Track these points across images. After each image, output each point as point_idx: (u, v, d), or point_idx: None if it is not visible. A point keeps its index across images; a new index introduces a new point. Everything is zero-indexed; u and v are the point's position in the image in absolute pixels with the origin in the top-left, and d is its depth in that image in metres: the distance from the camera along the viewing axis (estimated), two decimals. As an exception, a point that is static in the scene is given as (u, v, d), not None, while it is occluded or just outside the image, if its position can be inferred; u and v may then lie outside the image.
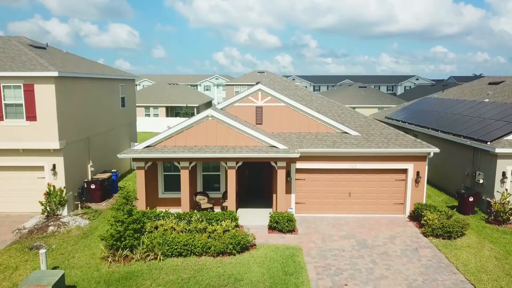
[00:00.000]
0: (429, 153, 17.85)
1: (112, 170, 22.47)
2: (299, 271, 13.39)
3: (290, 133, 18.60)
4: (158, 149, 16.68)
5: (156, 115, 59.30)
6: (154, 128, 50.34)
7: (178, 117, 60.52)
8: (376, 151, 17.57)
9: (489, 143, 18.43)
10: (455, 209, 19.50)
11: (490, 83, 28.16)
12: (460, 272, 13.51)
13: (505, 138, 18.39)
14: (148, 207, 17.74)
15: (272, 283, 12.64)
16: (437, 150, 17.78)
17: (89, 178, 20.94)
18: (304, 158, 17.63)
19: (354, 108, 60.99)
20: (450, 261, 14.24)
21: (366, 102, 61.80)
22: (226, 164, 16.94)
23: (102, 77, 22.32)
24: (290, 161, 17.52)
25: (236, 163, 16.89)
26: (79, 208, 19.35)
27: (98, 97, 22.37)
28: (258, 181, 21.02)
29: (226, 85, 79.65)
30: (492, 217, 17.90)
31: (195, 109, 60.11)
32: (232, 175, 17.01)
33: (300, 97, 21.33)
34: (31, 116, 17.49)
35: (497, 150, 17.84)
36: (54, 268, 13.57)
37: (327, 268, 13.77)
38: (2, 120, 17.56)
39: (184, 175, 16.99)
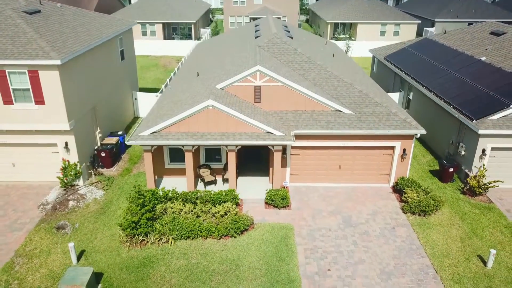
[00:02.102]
0: (416, 134, 19.07)
1: (119, 133, 23.81)
2: (290, 256, 15.74)
3: (287, 112, 19.55)
4: (163, 135, 17.87)
5: (153, 32, 57.86)
6: (152, 51, 49.74)
7: (174, 37, 59.35)
8: (367, 133, 18.77)
9: (474, 121, 19.53)
10: (437, 176, 21.39)
11: (491, 33, 27.80)
12: (427, 256, 15.88)
13: (490, 117, 19.41)
14: (156, 176, 19.64)
15: (267, 270, 15.06)
16: (423, 131, 18.97)
17: (99, 144, 22.41)
18: (299, 137, 18.93)
19: (356, 24, 59.41)
20: (421, 243, 16.54)
21: (370, 18, 59.78)
22: (226, 147, 18.31)
23: (102, 42, 22.31)
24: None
25: (236, 147, 18.26)
26: (93, 175, 21.22)
27: (99, 63, 22.70)
28: (256, 151, 22.44)
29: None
30: (467, 189, 19.85)
31: (192, 26, 58.41)
32: (232, 156, 18.50)
33: (299, 65, 21.68)
34: (39, 100, 18.32)
35: (480, 132, 19.05)
36: (81, 252, 15.90)
37: (315, 251, 16.10)
38: (12, 104, 18.41)
39: (188, 157, 18.49)
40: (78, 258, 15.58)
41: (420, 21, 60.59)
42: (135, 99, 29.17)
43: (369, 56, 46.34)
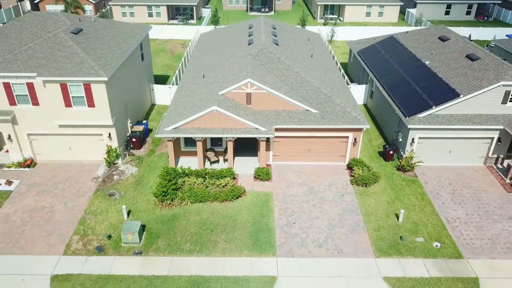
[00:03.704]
0: (362, 128, 26.37)
1: (143, 122, 31.10)
2: (269, 214, 23.51)
3: (270, 111, 26.69)
4: (181, 130, 25.14)
5: (158, 13, 63.44)
6: (158, 35, 55.39)
7: (178, 17, 64.79)
8: (328, 127, 26.04)
9: (407, 118, 26.77)
10: (382, 156, 28.91)
11: (439, 38, 34.33)
12: (361, 214, 23.67)
13: (418, 115, 26.61)
14: (175, 160, 27.12)
15: (253, 222, 22.86)
16: (368, 126, 26.23)
17: (129, 132, 29.74)
18: (279, 129, 26.24)
19: (344, 6, 64.82)
20: (359, 205, 24.29)
21: (355, 0, 65.00)
22: (226, 138, 25.67)
23: (130, 52, 29.07)
24: (269, 133, 26.17)
25: (233, 138, 25.62)
26: (127, 155, 28.70)
27: (128, 69, 29.55)
28: (248, 139, 29.65)
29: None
30: (400, 166, 27.40)
31: (194, 8, 63.83)
32: (230, 144, 25.92)
33: (280, 72, 28.54)
34: (91, 104, 25.44)
35: (410, 126, 26.33)
36: (129, 211, 23.63)
37: (286, 210, 23.87)
38: (71, 107, 25.56)
39: (199, 145, 25.89)
40: (128, 215, 23.35)
41: (402, 3, 65.97)
42: (152, 90, 36.14)
43: (353, 39, 52.50)
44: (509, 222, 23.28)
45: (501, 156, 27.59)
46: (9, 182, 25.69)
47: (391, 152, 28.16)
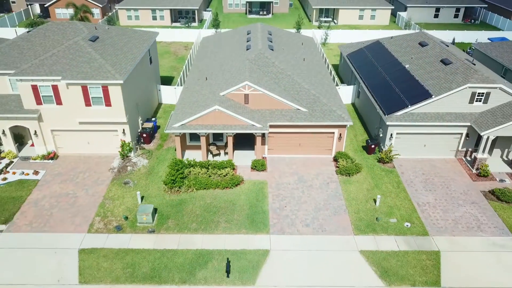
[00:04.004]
0: (346, 125, 29.95)
1: (152, 119, 34.70)
2: (264, 199, 27.13)
3: (265, 110, 30.25)
4: (187, 126, 28.71)
5: (161, 17, 66.92)
6: (162, 38, 58.81)
7: (180, 21, 68.22)
8: (316, 124, 29.62)
9: (386, 116, 30.36)
10: (365, 150, 32.51)
11: (419, 43, 37.87)
12: (344, 199, 27.28)
13: (396, 114, 30.19)
14: (182, 153, 30.69)
15: (250, 206, 26.46)
16: (351, 123, 29.80)
17: (140, 128, 33.33)
18: (273, 126, 29.81)
19: (336, 10, 68.35)
20: (342, 192, 27.90)
21: (350, 4, 68.63)
22: (226, 134, 29.27)
23: (141, 57, 32.60)
24: (264, 129, 29.74)
25: (232, 133, 29.21)
26: (138, 149, 32.29)
27: (139, 72, 33.10)
28: (246, 135, 33.24)
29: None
30: (380, 159, 30.99)
31: (195, 12, 67.29)
32: (230, 139, 29.53)
33: (275, 75, 32.07)
34: (108, 104, 29.02)
35: (388, 123, 29.93)
36: (142, 197, 27.23)
37: (278, 196, 27.48)
38: (91, 106, 29.14)
39: (202, 139, 29.47)
40: (141, 200, 26.96)
41: (393, 7, 69.50)
42: (159, 90, 39.71)
43: (346, 42, 56.12)
44: (472, 206, 26.91)
45: (470, 149, 31.19)
46: (36, 172, 29.30)
47: (372, 146, 31.76)
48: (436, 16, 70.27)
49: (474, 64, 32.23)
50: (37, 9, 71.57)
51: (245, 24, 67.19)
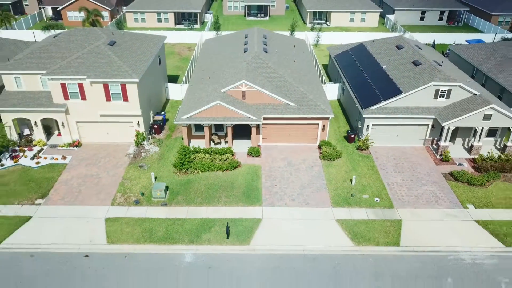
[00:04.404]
0: (329, 117, 35.03)
1: (162, 112, 39.79)
2: (258, 179, 32.24)
3: (260, 104, 35.30)
4: (193, 118, 33.77)
5: (166, 19, 71.87)
6: (167, 39, 63.75)
7: (183, 23, 73.09)
8: (303, 116, 34.68)
9: (363, 109, 35.43)
10: (346, 139, 37.60)
11: (396, 46, 42.90)
12: (325, 180, 32.39)
13: (371, 108, 35.25)
14: (189, 141, 35.76)
15: (246, 185, 31.58)
16: (332, 116, 34.88)
17: (152, 120, 38.41)
18: (266, 118, 34.87)
19: (329, 13, 73.31)
20: (324, 174, 33.01)
21: (341, 7, 73.54)
22: (226, 125, 34.36)
23: (153, 58, 37.65)
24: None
25: (232, 125, 34.29)
26: (150, 138, 37.38)
27: (150, 71, 38.14)
28: (244, 126, 38.29)
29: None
30: (359, 146, 36.08)
31: (197, 15, 72.27)
32: (229, 129, 34.62)
33: (268, 75, 37.10)
34: (125, 99, 34.10)
35: (365, 116, 35.01)
36: (155, 177, 32.33)
37: (270, 176, 32.59)
38: (111, 101, 34.21)
39: (206, 129, 34.55)
40: (155, 179, 32.04)
41: (381, 10, 74.45)
42: (167, 87, 44.78)
43: (336, 43, 61.07)
44: (432, 185, 32.02)
45: (435, 138, 36.26)
46: (64, 157, 34.39)
47: (352, 136, 36.86)
48: (422, 18, 75.24)
49: (440, 65, 37.30)
50: (49, 12, 76.48)
51: (244, 25, 72.36)
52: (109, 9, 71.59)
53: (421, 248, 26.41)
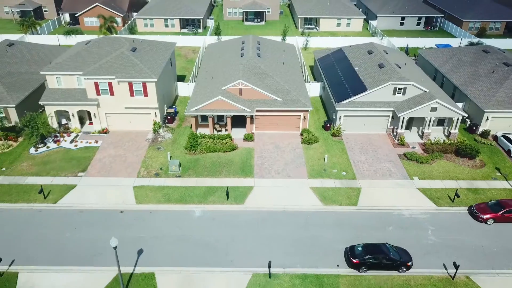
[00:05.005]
0: (308, 110, 43.68)
1: (173, 106, 48.45)
2: (251, 158, 40.94)
3: (253, 99, 43.88)
4: (200, 110, 42.41)
5: (172, 24, 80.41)
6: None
7: (187, 28, 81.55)
8: (288, 109, 43.33)
9: (336, 103, 44.09)
10: (323, 127, 46.27)
11: (367, 51, 51.47)
12: (304, 158, 41.08)
13: (343, 102, 43.89)
14: (196, 129, 44.39)
15: (242, 162, 40.28)
16: (311, 108, 43.53)
17: (165, 112, 47.06)
18: (258, 110, 43.51)
19: (318, 19, 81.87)
20: (303, 154, 41.68)
21: (329, 14, 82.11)
22: (226, 116, 43.04)
23: (166, 61, 46.27)
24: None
25: (231, 116, 42.97)
26: (164, 127, 46.03)
27: (165, 72, 46.74)
28: (240, 116, 46.86)
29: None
30: (333, 133, 44.74)
31: (200, 21, 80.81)
32: (229, 119, 43.32)
33: (260, 75, 45.66)
34: (145, 95, 42.76)
35: (337, 108, 43.69)
36: (170, 156, 40.98)
37: (261, 156, 41.28)
38: (134, 96, 42.85)
39: (210, 119, 43.23)
40: (170, 158, 40.67)
41: (365, 16, 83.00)
42: (176, 86, 53.44)
43: (324, 47, 69.60)
44: (389, 163, 40.64)
45: (395, 127, 44.89)
46: (96, 141, 43.00)
47: (328, 125, 45.53)
48: (401, 24, 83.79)
49: (400, 68, 45.94)
50: (66, 17, 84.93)
51: (242, 29, 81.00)
52: (121, 15, 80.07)
53: (373, 207, 35.09)
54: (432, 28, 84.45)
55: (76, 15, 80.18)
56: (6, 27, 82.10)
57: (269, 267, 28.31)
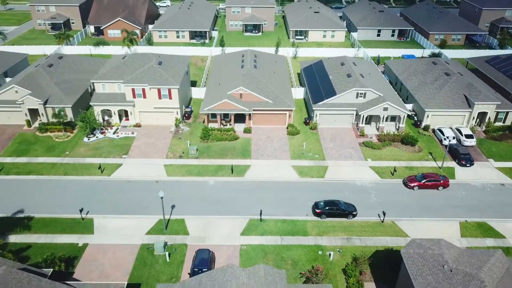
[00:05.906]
0: (292, 109, 57.98)
1: (189, 106, 62.85)
2: (249, 145, 55.29)
3: (251, 101, 58.07)
4: (211, 110, 56.60)
5: (183, 35, 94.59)
6: (184, 53, 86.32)
7: (196, 38, 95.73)
8: (277, 108, 57.61)
9: (313, 104, 58.41)
10: (304, 123, 60.59)
11: (341, 63, 65.64)
12: (288, 145, 55.42)
13: (318, 103, 58.14)
14: (208, 123, 58.68)
15: (242, 148, 54.64)
16: (294, 108, 57.83)
17: (184, 111, 61.38)
18: (255, 110, 57.79)
19: (307, 31, 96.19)
20: (288, 143, 56.03)
21: (316, 27, 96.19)
22: (230, 114, 57.38)
23: (184, 71, 60.56)
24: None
25: (234, 114, 57.29)
26: (183, 122, 60.34)
27: (183, 79, 60.96)
28: (242, 114, 61.07)
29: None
30: (311, 127, 59.02)
31: (207, 33, 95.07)
32: (232, 117, 57.68)
33: (256, 83, 59.84)
34: (170, 98, 57.06)
35: (314, 108, 58.03)
36: (190, 144, 55.27)
37: (256, 144, 55.63)
38: (161, 99, 57.15)
39: (218, 117, 57.55)
40: (189, 144, 54.96)
41: (347, 29, 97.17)
42: (190, 90, 67.79)
43: (311, 56, 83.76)
44: (351, 149, 54.93)
45: (358, 122, 59.11)
46: (132, 133, 57.31)
47: (308, 121, 59.88)
48: (378, 35, 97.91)
49: (363, 77, 60.22)
50: (91, 29, 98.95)
51: (242, 39, 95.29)
52: (140, 28, 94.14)
53: (335, 179, 49.43)
54: (405, 39, 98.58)
55: (101, 28, 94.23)
56: (40, 37, 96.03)
57: (260, 215, 42.66)
